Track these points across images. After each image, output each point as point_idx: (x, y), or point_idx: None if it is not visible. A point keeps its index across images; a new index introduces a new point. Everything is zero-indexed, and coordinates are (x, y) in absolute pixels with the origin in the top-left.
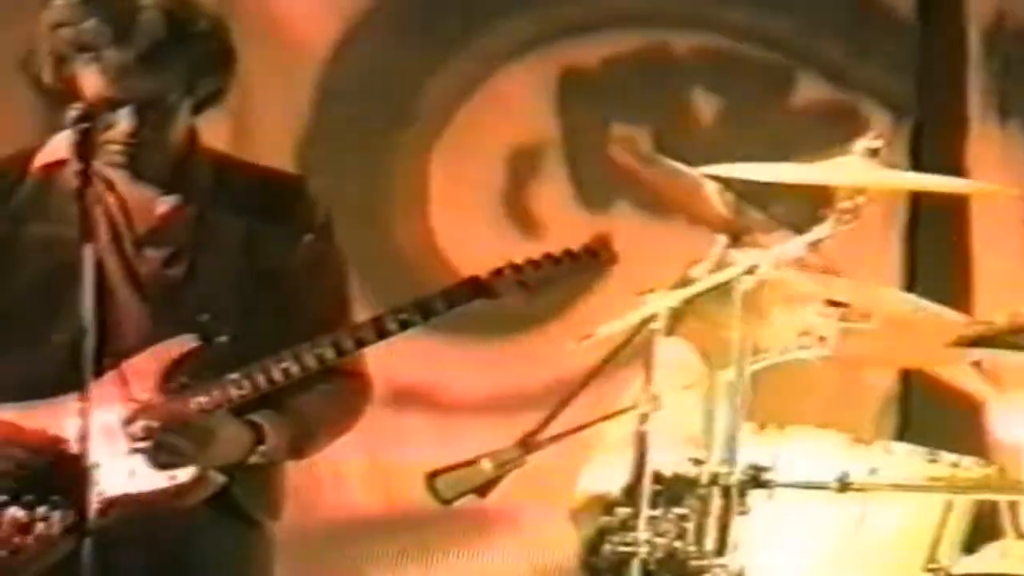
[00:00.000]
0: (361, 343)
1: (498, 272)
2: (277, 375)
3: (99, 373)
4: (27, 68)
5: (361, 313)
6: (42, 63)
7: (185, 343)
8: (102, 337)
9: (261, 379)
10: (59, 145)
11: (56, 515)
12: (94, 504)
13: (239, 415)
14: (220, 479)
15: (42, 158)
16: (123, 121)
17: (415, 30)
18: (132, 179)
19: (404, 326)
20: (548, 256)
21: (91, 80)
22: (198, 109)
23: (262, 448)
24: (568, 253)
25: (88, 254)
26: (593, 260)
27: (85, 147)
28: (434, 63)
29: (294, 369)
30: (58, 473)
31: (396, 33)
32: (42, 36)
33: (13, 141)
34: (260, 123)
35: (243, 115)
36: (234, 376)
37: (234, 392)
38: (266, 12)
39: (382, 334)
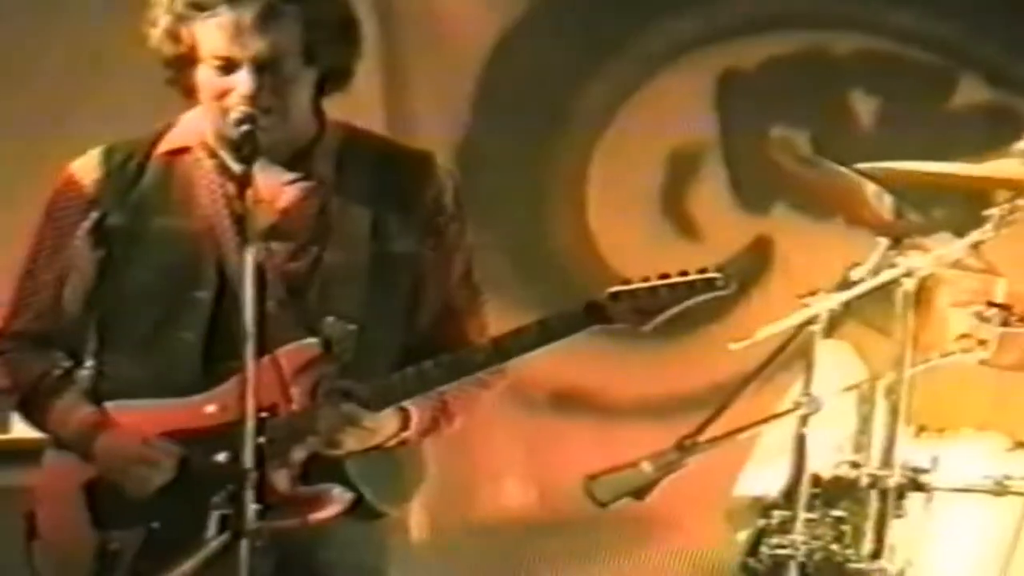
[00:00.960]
0: (480, 364)
1: (614, 296)
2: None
3: (225, 375)
4: (149, 41)
5: (523, 317)
6: (162, 32)
7: (309, 348)
8: (226, 337)
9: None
10: (184, 131)
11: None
12: (251, 506)
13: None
14: (347, 496)
15: (166, 144)
16: (241, 83)
17: (574, 32)
18: (257, 163)
19: (523, 348)
20: (664, 280)
21: (209, 39)
22: (322, 87)
23: (405, 434)
24: (684, 279)
25: (249, 258)
26: (708, 286)
27: (246, 150)
28: (593, 65)
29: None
30: (193, 474)
31: (555, 35)
32: (161, 4)
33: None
34: (419, 124)
35: (402, 116)
36: (377, 383)
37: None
38: (427, 14)
39: (503, 355)
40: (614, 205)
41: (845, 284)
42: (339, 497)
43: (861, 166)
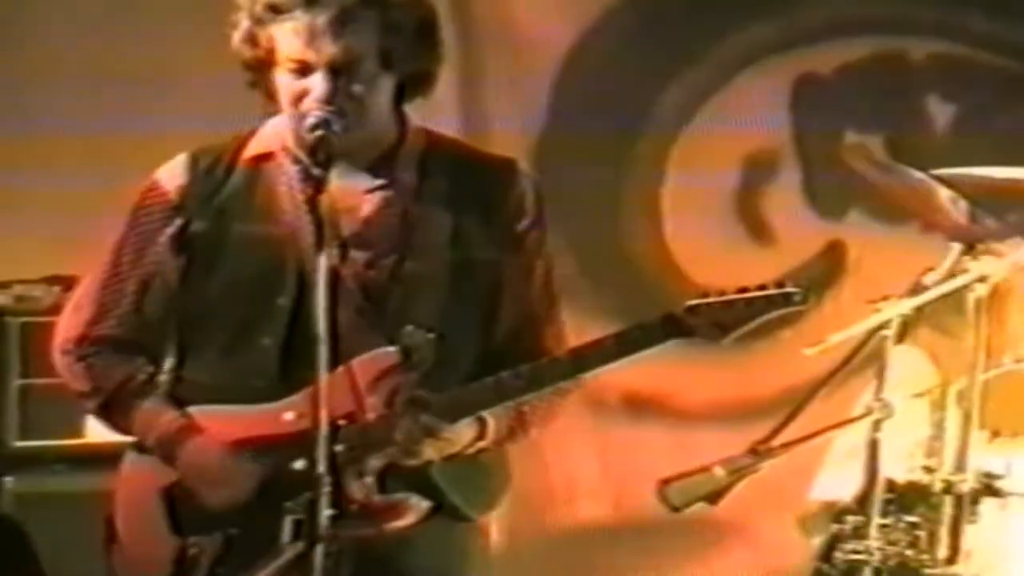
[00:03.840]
0: (558, 376)
1: (692, 309)
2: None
3: (303, 382)
4: (232, 46)
5: (595, 322)
6: (242, 35)
7: (387, 357)
8: (305, 344)
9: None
10: (268, 136)
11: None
12: (325, 513)
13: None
14: (424, 505)
15: (252, 149)
16: (316, 86)
17: (650, 36)
18: (339, 169)
19: (602, 361)
20: (742, 295)
21: (285, 43)
22: (402, 92)
23: (481, 443)
24: (761, 293)
25: (323, 263)
26: (785, 301)
27: (321, 155)
28: (669, 71)
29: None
30: (274, 481)
31: (631, 39)
32: (243, 7)
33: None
34: (494, 130)
35: (478, 120)
36: (467, 388)
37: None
38: (502, 19)
39: (581, 368)
40: (689, 209)
41: (918, 289)
42: (416, 506)
43: (936, 171)
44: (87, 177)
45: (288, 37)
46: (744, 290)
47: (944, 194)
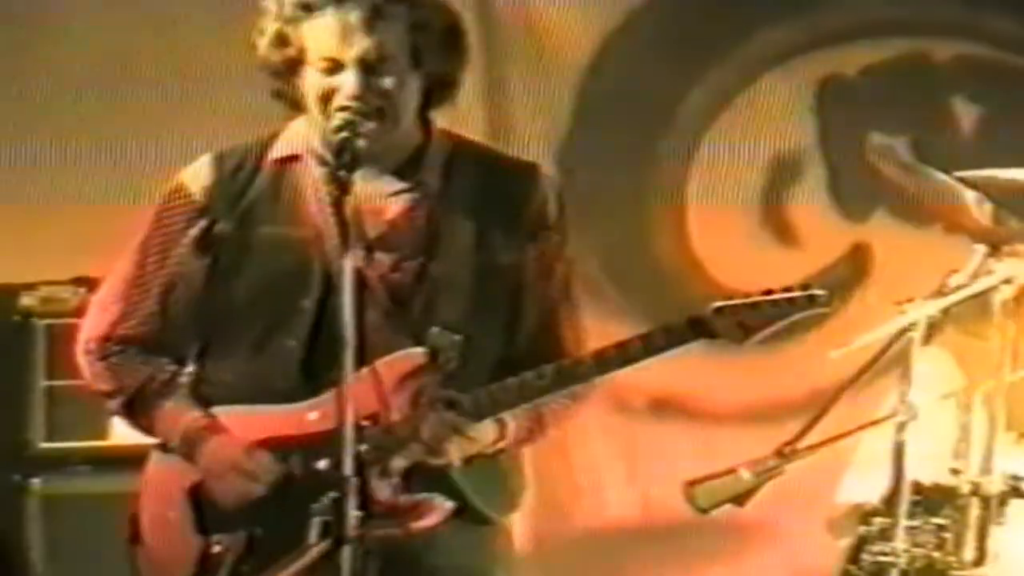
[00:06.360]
0: (582, 377)
1: (718, 310)
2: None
3: (327, 383)
4: (255, 48)
5: (620, 323)
6: (270, 39)
7: (413, 357)
8: (329, 345)
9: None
10: (293, 139)
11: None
12: (353, 514)
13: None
14: (449, 505)
15: (278, 151)
16: (347, 83)
17: (675, 39)
18: (365, 172)
19: (626, 362)
20: (767, 296)
21: (316, 41)
22: (429, 98)
23: (501, 444)
24: (786, 295)
25: (348, 265)
26: (810, 303)
27: (345, 157)
28: (693, 72)
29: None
30: (297, 480)
31: (656, 42)
32: (267, 9)
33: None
34: (519, 131)
35: (502, 123)
36: (491, 388)
37: (479, 407)
38: (526, 22)
39: (605, 368)
40: (713, 211)
41: (943, 291)
42: (440, 506)
43: (961, 173)
44: (112, 179)
45: (319, 35)
46: (769, 292)
47: (969, 196)
